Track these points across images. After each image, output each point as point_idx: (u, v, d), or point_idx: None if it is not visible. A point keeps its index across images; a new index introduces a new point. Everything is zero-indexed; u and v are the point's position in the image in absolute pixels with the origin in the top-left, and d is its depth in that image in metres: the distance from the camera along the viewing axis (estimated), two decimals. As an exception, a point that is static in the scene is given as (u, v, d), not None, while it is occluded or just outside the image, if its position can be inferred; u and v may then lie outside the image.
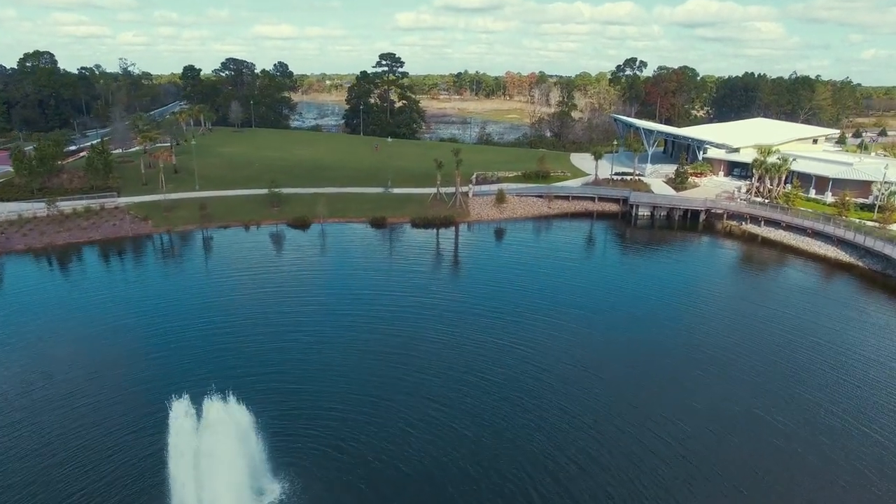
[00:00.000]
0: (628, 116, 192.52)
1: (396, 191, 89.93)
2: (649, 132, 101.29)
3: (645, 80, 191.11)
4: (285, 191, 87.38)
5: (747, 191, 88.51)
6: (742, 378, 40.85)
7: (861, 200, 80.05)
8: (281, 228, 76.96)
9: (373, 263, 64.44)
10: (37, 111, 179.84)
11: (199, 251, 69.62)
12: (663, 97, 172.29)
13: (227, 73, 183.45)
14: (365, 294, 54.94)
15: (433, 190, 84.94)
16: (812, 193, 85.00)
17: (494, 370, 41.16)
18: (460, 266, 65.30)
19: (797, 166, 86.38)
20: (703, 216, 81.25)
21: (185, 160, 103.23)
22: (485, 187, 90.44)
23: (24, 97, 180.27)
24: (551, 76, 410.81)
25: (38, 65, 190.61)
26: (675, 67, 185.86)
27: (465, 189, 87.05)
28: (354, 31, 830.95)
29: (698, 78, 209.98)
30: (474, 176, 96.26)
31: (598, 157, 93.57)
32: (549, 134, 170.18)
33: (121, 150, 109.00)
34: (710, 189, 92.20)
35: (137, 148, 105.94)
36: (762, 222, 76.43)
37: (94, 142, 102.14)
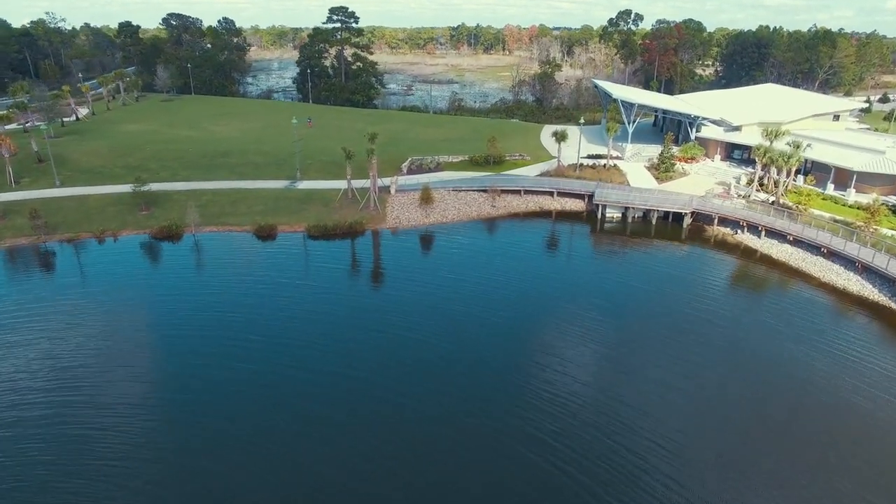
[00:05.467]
0: (624, 76, 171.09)
1: (305, 184, 72.07)
2: (629, 104, 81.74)
3: (644, 35, 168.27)
4: (166, 187, 70.26)
5: (748, 183, 69.79)
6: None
7: (894, 200, 61.53)
8: (144, 240, 59.94)
9: (231, 302, 47.16)
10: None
11: (11, 280, 52.70)
12: (663, 55, 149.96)
13: (170, 30, 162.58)
14: (179, 366, 38.36)
15: (360, 182, 67.03)
16: (830, 189, 66.19)
17: None
18: (351, 304, 47.80)
19: (812, 153, 67.40)
20: (687, 219, 63.13)
21: (73, 142, 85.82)
22: (413, 179, 72.19)
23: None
24: (556, 29, 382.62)
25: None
26: (678, 21, 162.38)
27: (388, 182, 69.09)
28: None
29: (705, 33, 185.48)
30: (406, 163, 77.99)
31: (560, 138, 74.64)
32: (530, 99, 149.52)
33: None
34: (702, 179, 73.45)
35: (45, 125, 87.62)
36: (763, 232, 58.33)
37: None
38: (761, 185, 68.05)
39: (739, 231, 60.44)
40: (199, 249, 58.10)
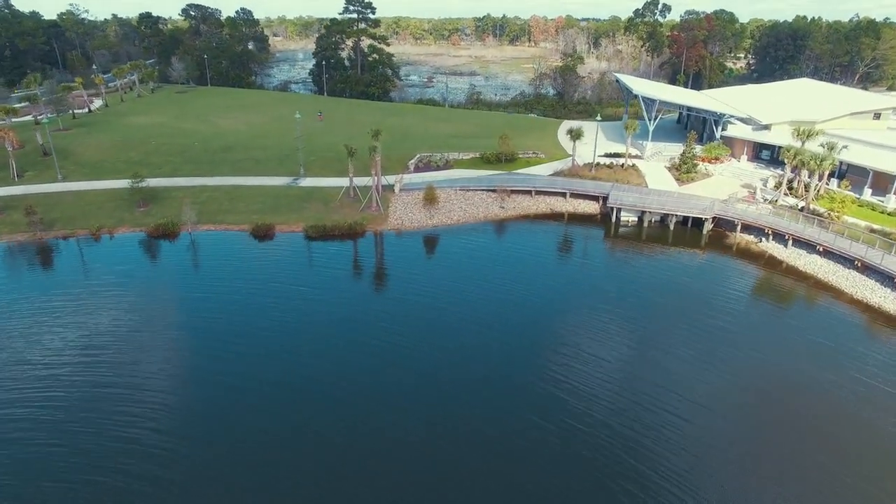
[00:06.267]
0: (650, 69, 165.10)
1: (308, 181, 69.76)
2: (650, 101, 77.33)
3: (672, 26, 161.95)
4: (166, 182, 68.78)
5: (776, 186, 65.18)
6: None
7: (939, 208, 56.50)
8: (140, 238, 58.29)
9: (217, 306, 45.12)
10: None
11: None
12: (691, 48, 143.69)
13: (189, 21, 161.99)
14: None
15: (364, 180, 64.07)
16: (867, 194, 61.22)
17: None
18: (343, 312, 44.95)
19: (848, 155, 62.42)
20: (708, 225, 59.04)
21: (80, 135, 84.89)
22: (420, 177, 69.19)
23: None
24: (584, 20, 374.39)
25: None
26: (708, 11, 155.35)
27: (392, 180, 66.33)
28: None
29: (737, 24, 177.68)
30: (414, 160, 75.10)
31: (575, 136, 70.83)
32: (551, 92, 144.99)
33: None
34: (726, 181, 69.02)
35: (49, 118, 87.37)
36: (790, 241, 54.01)
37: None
38: (790, 188, 63.42)
39: (764, 239, 56.18)
40: (194, 249, 56.16)
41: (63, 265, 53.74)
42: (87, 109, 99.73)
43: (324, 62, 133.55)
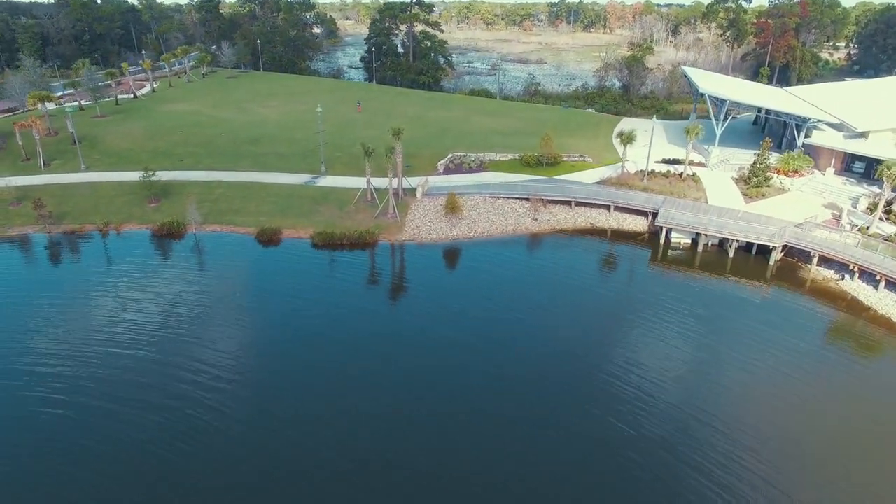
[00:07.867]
0: (730, 61, 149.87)
1: (327, 180, 64.85)
2: (719, 100, 67.01)
3: (759, 12, 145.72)
4: (183, 176, 65.83)
5: (868, 209, 54.22)
6: None
7: None
8: (145, 236, 55.45)
9: (200, 319, 41.13)
10: (73, 46, 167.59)
11: None
12: (780, 37, 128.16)
13: (248, 5, 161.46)
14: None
15: (382, 180, 58.41)
16: None
17: None
18: (329, 343, 39.81)
19: (966, 175, 50.62)
20: (776, 254, 49.43)
21: (114, 123, 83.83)
22: (448, 181, 62.61)
23: (59, 32, 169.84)
24: (665, 6, 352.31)
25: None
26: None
27: (415, 184, 60.33)
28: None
29: (839, 9, 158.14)
30: (444, 160, 68.57)
31: (626, 140, 61.98)
32: (617, 85, 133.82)
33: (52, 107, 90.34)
34: (805, 199, 58.38)
35: (71, 106, 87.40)
36: (882, 281, 43.85)
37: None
38: (888, 212, 52.38)
39: (847, 276, 46.15)
40: (193, 252, 52.60)
41: (59, 263, 51.69)
42: (132, 95, 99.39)
43: (374, 49, 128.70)
